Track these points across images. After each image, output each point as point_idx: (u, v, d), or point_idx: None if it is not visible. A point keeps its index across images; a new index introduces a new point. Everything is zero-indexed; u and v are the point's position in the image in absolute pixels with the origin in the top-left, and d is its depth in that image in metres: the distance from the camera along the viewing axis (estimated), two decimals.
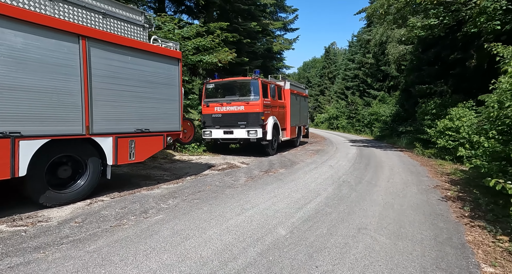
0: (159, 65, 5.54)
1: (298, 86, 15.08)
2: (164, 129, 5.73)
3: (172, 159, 9.04)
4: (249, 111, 10.09)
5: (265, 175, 7.52)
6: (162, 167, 7.95)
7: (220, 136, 10.39)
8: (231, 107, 10.23)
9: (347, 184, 6.67)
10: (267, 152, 10.95)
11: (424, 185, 6.81)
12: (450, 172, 8.55)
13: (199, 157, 9.92)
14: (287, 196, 5.56)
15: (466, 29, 10.71)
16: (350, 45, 38.38)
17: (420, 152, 12.57)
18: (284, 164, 9.37)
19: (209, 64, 10.23)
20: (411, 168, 9.14)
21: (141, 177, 6.73)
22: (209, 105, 10.53)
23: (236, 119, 10.22)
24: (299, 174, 7.72)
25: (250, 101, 10.08)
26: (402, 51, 21.86)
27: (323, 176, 7.60)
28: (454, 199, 5.68)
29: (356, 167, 9.12)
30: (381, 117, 22.43)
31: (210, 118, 10.54)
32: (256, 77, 10.03)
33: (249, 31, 19.80)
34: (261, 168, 8.46)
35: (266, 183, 6.61)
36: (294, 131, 13.94)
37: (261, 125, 10.10)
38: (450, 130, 10.51)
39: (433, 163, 10.28)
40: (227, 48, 11.98)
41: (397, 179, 7.39)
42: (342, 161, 10.34)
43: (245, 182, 6.58)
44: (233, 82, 10.69)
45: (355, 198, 5.53)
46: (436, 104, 12.95)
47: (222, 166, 8.48)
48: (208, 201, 5.00)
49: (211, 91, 10.91)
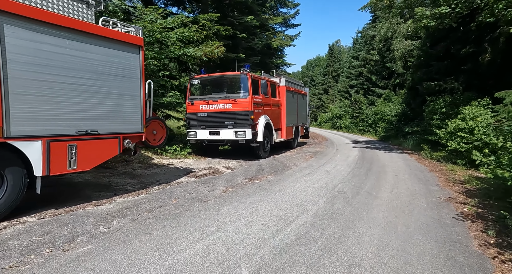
0: (113, 53, 4.57)
1: (296, 83, 14.04)
2: (120, 131, 4.75)
3: (149, 163, 8.09)
4: (237, 110, 9.09)
5: (248, 183, 6.53)
6: (133, 173, 6.98)
7: (206, 137, 9.40)
8: (218, 106, 9.24)
9: (342, 196, 5.65)
10: (258, 155, 9.94)
11: (435, 197, 5.76)
12: (464, 180, 7.47)
13: (181, 160, 8.95)
14: (267, 212, 4.56)
15: (481, 18, 9.59)
16: (355, 42, 37.15)
17: (428, 154, 11.46)
18: (274, 168, 8.36)
19: (194, 58, 9.24)
20: (419, 174, 8.07)
21: (98, 187, 5.74)
22: (194, 103, 9.54)
23: (223, 118, 9.23)
24: (288, 182, 6.70)
25: (238, 99, 9.07)
26: (408, 47, 20.68)
27: (316, 184, 6.58)
28: (473, 217, 4.63)
29: (355, 172, 8.08)
30: (386, 117, 21.28)
31: (195, 118, 9.55)
32: (245, 72, 9.02)
33: (246, 26, 18.79)
34: (247, 174, 7.46)
35: (247, 194, 5.61)
36: (291, 131, 12.91)
37: (250, 126, 9.09)
38: (463, 131, 9.39)
39: (443, 168, 9.19)
40: (218, 42, 10.98)
41: (402, 189, 6.34)
42: (340, 165, 9.30)
43: (222, 193, 5.58)
44: (220, 78, 9.69)
45: (350, 216, 4.51)
46: (446, 102, 11.83)
47: (203, 171, 7.50)
48: (164, 220, 4.02)
49: (196, 88, 9.93)
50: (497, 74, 12.27)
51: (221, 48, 10.17)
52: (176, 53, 8.91)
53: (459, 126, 9.51)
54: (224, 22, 16.80)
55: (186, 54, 8.98)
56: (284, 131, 12.05)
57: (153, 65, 7.99)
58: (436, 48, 14.56)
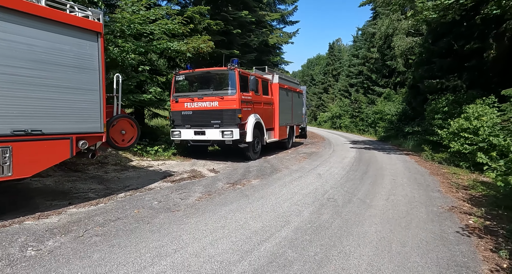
0: (62, 40, 3.93)
1: (290, 80, 13.39)
2: (72, 131, 4.12)
3: (126, 165, 7.46)
4: (224, 108, 8.45)
5: (229, 188, 5.89)
6: (103, 177, 6.35)
7: (191, 137, 8.76)
8: (203, 103, 8.60)
9: (332, 204, 5.01)
10: (247, 156, 9.31)
11: (436, 205, 5.12)
12: (468, 185, 6.82)
13: (163, 162, 8.31)
14: (241, 226, 3.93)
15: (486, 10, 8.92)
16: (355, 40, 36.43)
17: (429, 156, 10.80)
18: (262, 171, 7.73)
19: (178, 52, 8.59)
20: (419, 178, 7.42)
21: (53, 194, 5.03)
22: (179, 101, 8.90)
23: (208, 117, 8.60)
24: (274, 187, 6.07)
25: (225, 96, 8.43)
26: (409, 44, 19.98)
27: (305, 190, 5.94)
28: (480, 231, 3.98)
29: (350, 176, 7.44)
30: (386, 117, 20.60)
31: (180, 116, 8.92)
32: (232, 68, 8.38)
33: (241, 22, 18.13)
34: (231, 177, 6.83)
35: (224, 202, 4.97)
36: (285, 131, 12.27)
37: (238, 125, 8.46)
38: (466, 131, 8.74)
39: (445, 171, 8.54)
40: (206, 37, 10.33)
41: (400, 195, 5.70)
42: (335, 167, 8.66)
43: (196, 201, 4.95)
44: (206, 73, 9.04)
45: (337, 230, 3.87)
46: (449, 101, 11.16)
47: (182, 175, 6.86)
48: (115, 238, 3.39)
49: (181, 85, 9.29)
50: (502, 71, 11.60)
51: (209, 43, 9.52)
52: (159, 47, 8.27)
53: (463, 126, 8.86)
54: (218, 17, 16.18)
55: (170, 48, 8.34)
56: (277, 131, 11.42)
57: (131, 59, 7.36)
58: (438, 44, 13.87)
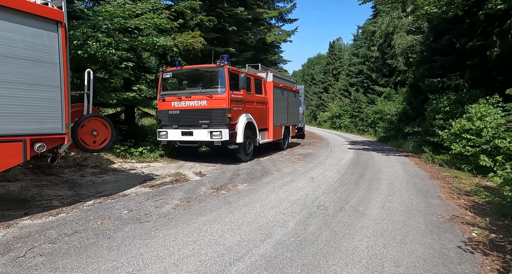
0: (10, 28, 3.48)
1: (286, 79, 12.93)
2: (25, 132, 3.66)
3: (106, 168, 7.02)
4: (213, 107, 8.01)
5: (212, 194, 5.45)
6: (77, 181, 5.89)
7: (178, 138, 8.31)
8: (191, 102, 8.16)
9: (321, 213, 4.57)
10: (238, 158, 8.86)
11: (436, 214, 4.67)
12: (471, 190, 6.36)
13: (147, 164, 7.86)
14: (215, 240, 3.48)
15: (491, 5, 8.46)
16: (355, 39, 35.91)
17: (430, 158, 10.34)
18: (252, 174, 7.29)
19: (164, 48, 8.13)
20: (418, 182, 6.97)
21: (12, 202, 4.51)
22: (166, 100, 8.46)
23: (196, 117, 8.16)
24: (261, 193, 5.62)
25: (214, 95, 7.98)
26: (410, 42, 19.51)
27: (294, 195, 5.50)
28: (485, 247, 3.54)
29: (345, 180, 6.99)
30: (386, 116, 20.11)
31: (167, 116, 8.47)
32: (221, 65, 7.93)
33: (237, 19, 17.68)
34: (216, 182, 6.38)
35: (203, 210, 4.53)
36: (279, 132, 11.81)
37: (227, 125, 8.02)
38: (469, 133, 8.28)
39: (446, 174, 8.09)
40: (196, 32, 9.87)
41: (397, 203, 5.25)
42: (330, 170, 8.21)
43: (172, 210, 4.51)
44: (194, 70, 8.59)
45: (324, 245, 3.43)
46: (450, 100, 10.69)
47: (165, 178, 6.41)
48: (63, 258, 2.93)
49: (169, 82, 8.85)
50: (506, 70, 11.11)
51: (198, 38, 9.06)
52: (144, 42, 7.83)
53: (465, 127, 8.40)
54: (212, 14, 15.73)
55: (156, 44, 7.89)
56: (271, 131, 10.97)
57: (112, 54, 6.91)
58: (439, 41, 13.39)
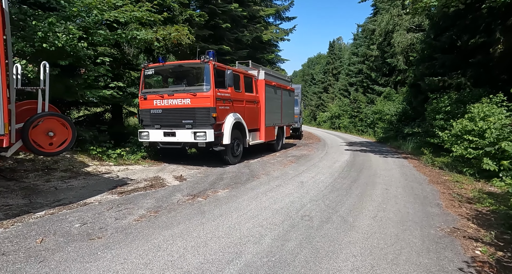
0: None
1: (279, 77, 12.41)
2: None
3: (78, 171, 6.51)
4: (197, 106, 7.50)
5: (187, 202, 4.94)
6: (39, 187, 5.36)
7: (160, 139, 7.81)
8: (174, 101, 7.65)
9: (305, 224, 4.06)
10: (225, 160, 8.35)
11: (434, 227, 4.16)
12: (473, 197, 5.84)
13: (125, 167, 7.35)
14: (172, 263, 2.97)
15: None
16: (355, 38, 35.34)
17: (429, 160, 9.81)
18: (237, 179, 6.78)
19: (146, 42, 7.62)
20: (415, 188, 6.45)
21: None
22: (147, 98, 7.95)
23: (180, 116, 7.65)
24: (242, 200, 5.12)
25: (198, 93, 7.48)
26: (410, 40, 18.96)
27: (278, 203, 4.99)
28: (491, 269, 3.03)
29: (337, 185, 6.47)
30: (385, 117, 19.58)
31: (148, 115, 7.96)
32: (206, 60, 7.42)
33: (231, 16, 17.20)
34: (196, 187, 5.87)
35: (169, 223, 4.02)
36: (272, 132, 11.30)
37: (212, 125, 7.51)
38: (471, 134, 7.76)
39: (446, 179, 7.57)
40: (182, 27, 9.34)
41: (391, 212, 4.73)
42: (322, 173, 7.70)
43: (132, 222, 3.99)
44: (178, 67, 8.07)
45: (301, 268, 2.93)
46: (452, 99, 10.17)
47: (139, 184, 5.90)
48: None
49: (151, 79, 8.35)
50: (510, 68, 10.58)
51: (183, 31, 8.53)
52: (124, 36, 7.32)
53: (466, 128, 7.88)
54: (205, 10, 15.25)
55: (137, 37, 7.39)
56: (263, 132, 10.46)
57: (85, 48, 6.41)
58: (440, 39, 12.84)
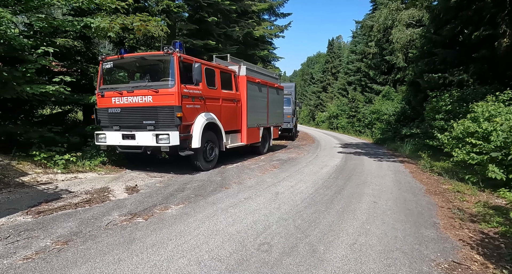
0: None
1: (265, 74, 11.44)
2: None
3: (11, 181, 5.51)
4: (159, 104, 6.55)
5: (120, 224, 3.98)
6: None
7: (118, 142, 6.84)
8: (134, 98, 6.69)
9: (259, 258, 3.11)
10: (195, 166, 7.40)
11: (427, 261, 3.21)
12: (477, 212, 4.88)
13: (74, 175, 6.35)
14: None
15: None
16: (354, 36, 34.32)
17: (427, 165, 8.84)
18: (201, 189, 5.83)
19: (102, 31, 6.67)
20: (409, 200, 5.49)
21: None
22: (105, 95, 7.00)
23: (140, 116, 6.70)
24: (193, 221, 4.16)
25: (160, 89, 6.52)
26: (410, 36, 17.96)
27: (237, 225, 4.04)
28: None
29: (317, 197, 5.52)
30: (383, 117, 18.58)
31: (106, 115, 7.01)
32: (170, 52, 6.46)
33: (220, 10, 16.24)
34: (145, 202, 4.92)
35: (73, 261, 3.05)
36: (256, 134, 10.34)
37: (177, 127, 6.56)
38: (474, 136, 6.79)
39: (445, 188, 6.61)
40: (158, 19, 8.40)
41: (375, 236, 3.77)
42: (304, 182, 6.74)
43: (18, 262, 3.03)
44: (140, 60, 7.09)
45: None
46: (453, 97, 9.18)
47: (74, 198, 4.89)
48: None
49: (110, 74, 7.40)
50: None
51: (150, 22, 7.57)
52: (76, 24, 6.37)
53: (469, 130, 6.90)
54: (190, 2, 14.32)
55: (91, 26, 6.44)
56: (245, 133, 9.51)
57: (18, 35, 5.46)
58: (441, 32, 11.83)
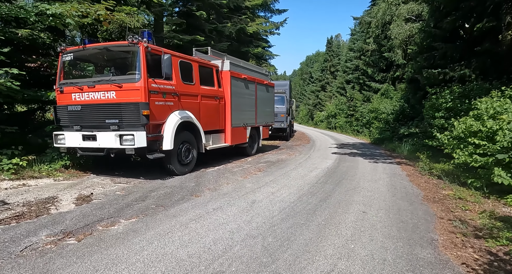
0: None
1: (254, 70, 10.71)
2: None
3: None
4: (123, 100, 5.82)
5: (41, 249, 3.26)
6: None
7: (78, 144, 6.11)
8: (96, 94, 5.97)
9: None
10: (169, 170, 6.68)
11: None
12: (482, 225, 4.16)
13: (23, 182, 5.57)
14: None
15: None
16: (352, 33, 33.55)
17: (426, 168, 8.12)
18: (166, 198, 5.12)
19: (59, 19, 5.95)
20: (404, 210, 4.76)
21: None
22: (64, 91, 6.28)
23: (103, 114, 5.97)
24: (139, 240, 3.45)
25: (124, 84, 5.80)
26: (409, 31, 17.21)
27: (192, 246, 3.32)
28: None
29: (298, 206, 4.80)
30: (381, 116, 17.84)
31: (66, 113, 6.29)
32: (135, 41, 5.73)
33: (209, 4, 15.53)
34: (92, 215, 4.20)
35: None
36: (243, 134, 9.63)
37: (145, 126, 5.84)
38: (477, 136, 6.07)
39: (446, 194, 5.89)
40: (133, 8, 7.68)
41: (359, 260, 3.06)
42: (288, 187, 6.03)
43: None
44: (104, 51, 6.33)
45: None
46: (454, 94, 8.44)
47: (3, 213, 4.20)
48: None
49: (75, 68, 6.69)
50: None
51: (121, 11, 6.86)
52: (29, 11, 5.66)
53: (472, 129, 6.16)
54: None
55: (46, 12, 5.72)
56: (229, 133, 8.80)
57: None
58: (441, 25, 11.08)
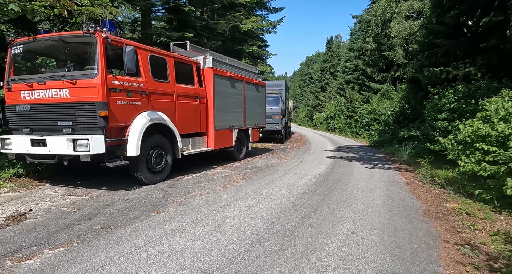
0: None
1: (242, 67, 9.93)
2: None
3: None
4: (77, 99, 5.06)
5: None
6: None
7: (26, 150, 5.32)
8: (47, 92, 5.20)
9: None
10: (137, 179, 5.89)
11: None
12: (496, 251, 3.42)
13: None
14: None
15: None
16: (352, 33, 32.79)
17: (427, 174, 7.32)
18: (119, 215, 4.36)
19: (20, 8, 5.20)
20: (401, 229, 3.98)
21: None
22: (12, 88, 5.52)
23: (54, 116, 5.20)
24: None
25: (78, 81, 5.03)
26: (410, 29, 16.45)
27: None
28: None
29: (277, 224, 4.03)
30: (381, 117, 17.04)
31: (14, 114, 5.53)
32: (91, 31, 4.96)
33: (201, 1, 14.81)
34: (12, 241, 3.45)
35: None
36: (228, 137, 8.86)
37: (104, 129, 5.07)
38: (486, 141, 5.29)
39: (450, 207, 5.11)
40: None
41: None
42: (270, 199, 5.25)
43: None
44: (58, 41, 5.46)
45: None
46: (458, 94, 7.65)
47: None
48: None
49: (22, 61, 5.91)
50: None
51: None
52: None
53: (479, 133, 5.38)
54: None
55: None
56: (212, 136, 8.04)
57: None
58: (444, 20, 10.28)
